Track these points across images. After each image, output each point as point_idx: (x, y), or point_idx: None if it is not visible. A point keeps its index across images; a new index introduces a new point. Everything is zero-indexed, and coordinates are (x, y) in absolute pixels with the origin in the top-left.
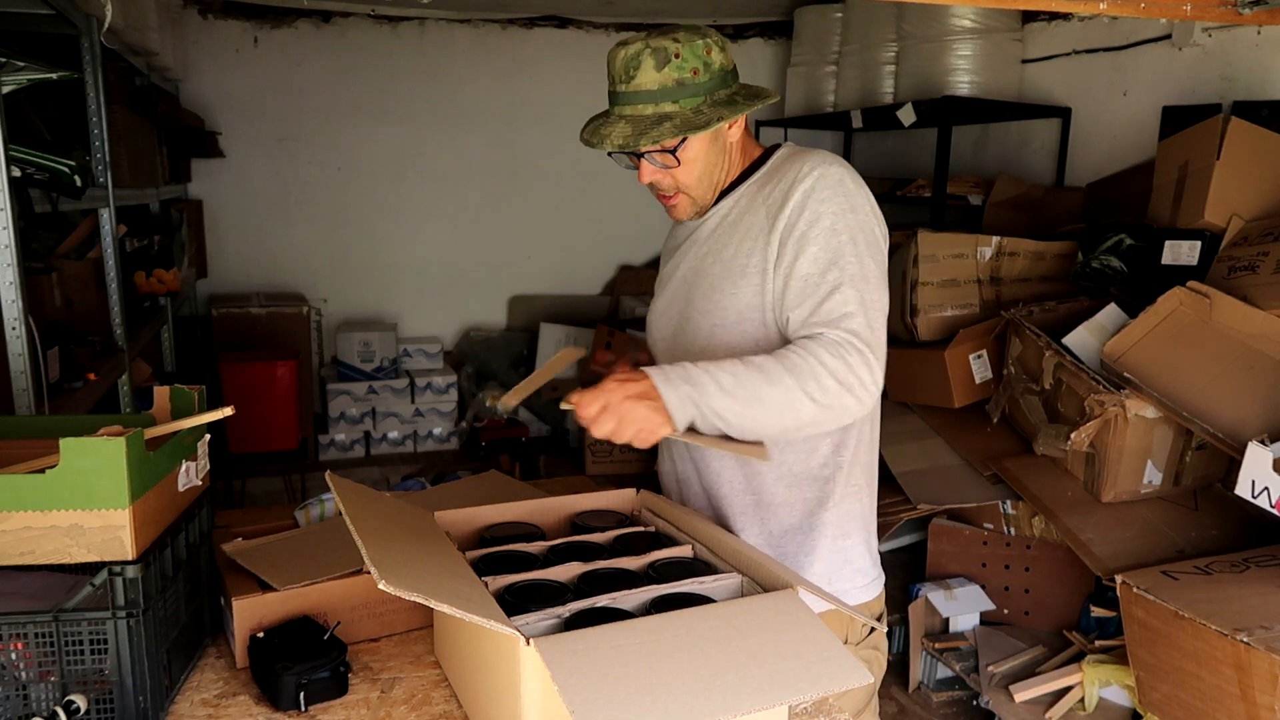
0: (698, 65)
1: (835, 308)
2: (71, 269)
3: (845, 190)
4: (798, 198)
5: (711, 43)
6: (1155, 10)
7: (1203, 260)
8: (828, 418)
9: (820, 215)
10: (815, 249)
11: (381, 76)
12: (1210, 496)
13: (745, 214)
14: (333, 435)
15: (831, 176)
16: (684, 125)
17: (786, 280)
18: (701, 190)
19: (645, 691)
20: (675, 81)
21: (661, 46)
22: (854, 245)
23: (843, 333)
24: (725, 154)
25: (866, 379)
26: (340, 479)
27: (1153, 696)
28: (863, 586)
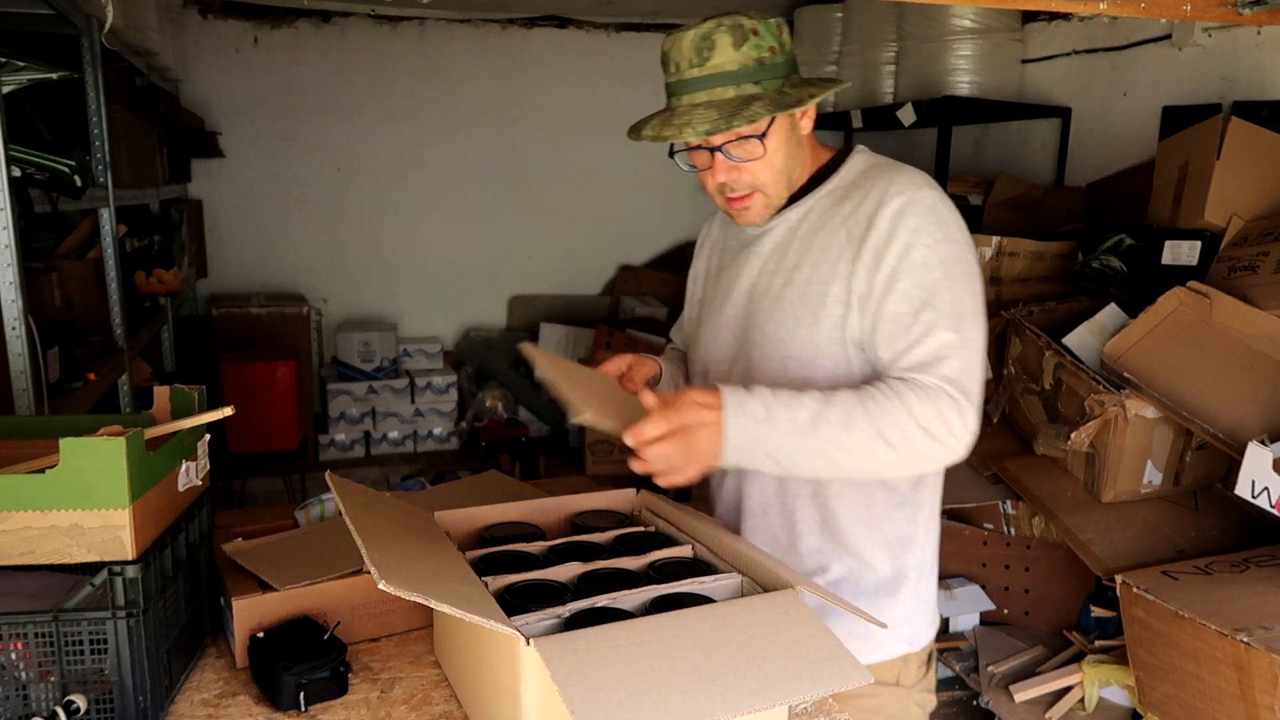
0: (774, 44)
1: (930, 352)
2: (71, 269)
3: (938, 217)
4: (885, 224)
5: (782, 23)
6: (1155, 10)
7: (1203, 260)
8: (906, 467)
9: (911, 246)
10: (906, 285)
11: (381, 76)
12: (1210, 496)
13: (820, 230)
14: (333, 435)
15: (923, 201)
16: (775, 104)
17: (876, 319)
18: (779, 188)
19: (645, 691)
20: (756, 61)
21: (738, 23)
22: (949, 280)
23: (937, 379)
24: (801, 147)
25: (958, 428)
26: (340, 479)
27: (1153, 696)
28: (928, 626)
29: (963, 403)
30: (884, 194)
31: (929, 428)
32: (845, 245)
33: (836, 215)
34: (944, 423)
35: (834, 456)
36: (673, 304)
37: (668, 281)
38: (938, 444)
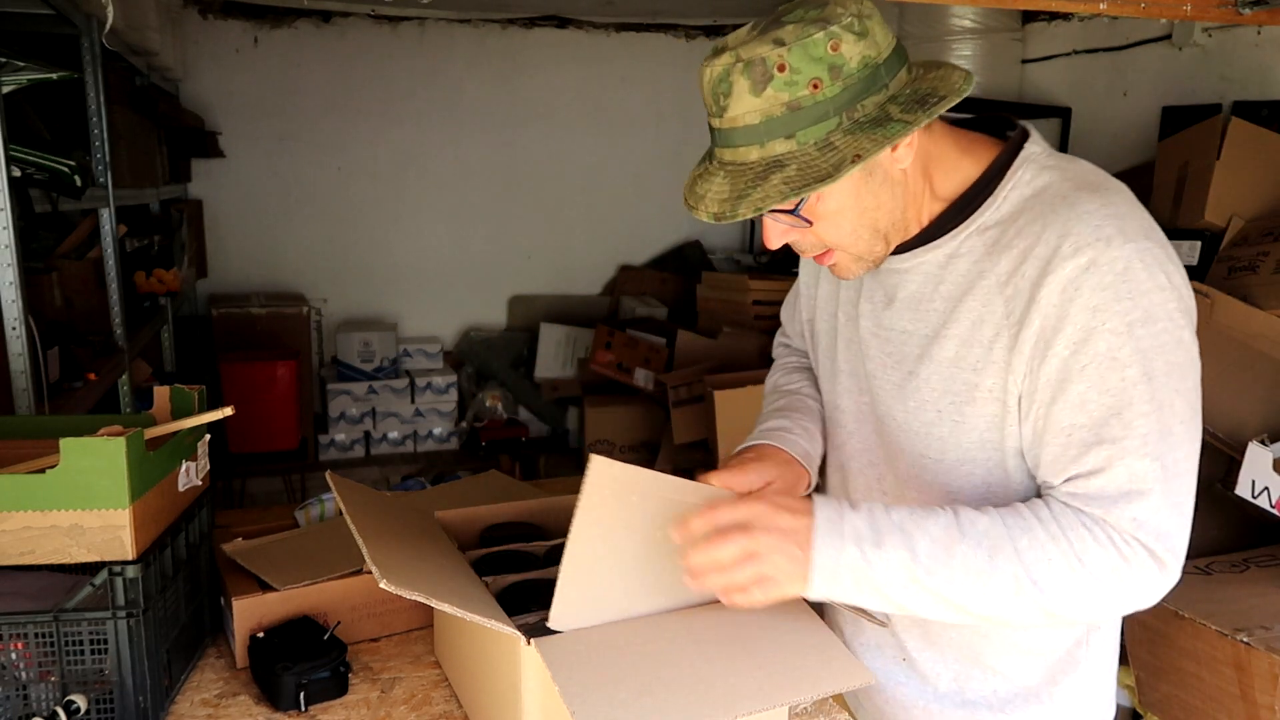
0: (818, 74)
1: (1116, 484)
2: (71, 269)
3: (1133, 287)
4: (1053, 296)
5: (841, 30)
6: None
7: (1203, 260)
8: (1063, 623)
9: (1093, 332)
10: (1084, 387)
11: (381, 76)
12: (1210, 496)
13: (970, 290)
14: (333, 435)
15: (1110, 264)
16: (803, 177)
17: (1042, 426)
18: (864, 244)
19: (645, 692)
20: (785, 107)
21: (758, 58)
22: (1148, 381)
23: (1127, 521)
24: (896, 187)
25: (1147, 584)
26: (340, 479)
27: (1153, 696)
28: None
29: (1159, 553)
30: (1054, 251)
31: (1105, 583)
32: (1003, 323)
33: (992, 271)
34: (1130, 577)
35: (958, 601)
36: (673, 304)
37: (668, 281)
38: (1116, 602)
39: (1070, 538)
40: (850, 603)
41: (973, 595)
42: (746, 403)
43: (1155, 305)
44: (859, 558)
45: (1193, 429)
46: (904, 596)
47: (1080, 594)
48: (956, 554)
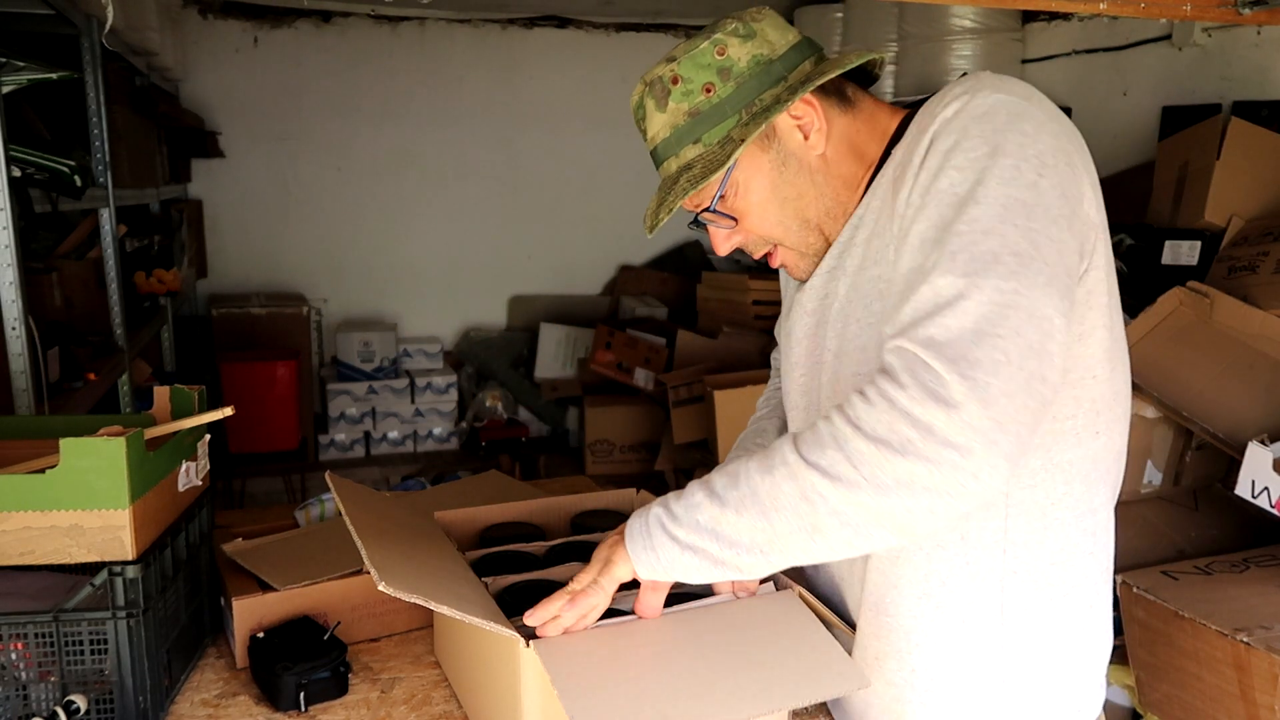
0: (709, 79)
1: (916, 310)
2: (71, 269)
3: (991, 126)
4: (924, 147)
5: (726, 36)
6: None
7: (1203, 260)
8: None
9: (941, 170)
10: (922, 225)
11: (381, 76)
12: (1210, 496)
13: (871, 197)
14: (333, 435)
15: (975, 107)
16: (704, 170)
17: (891, 277)
18: (800, 237)
19: (644, 695)
20: (687, 115)
21: (656, 78)
22: (981, 206)
23: (914, 345)
24: (816, 172)
25: (947, 425)
26: (340, 479)
27: (1153, 696)
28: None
29: (937, 382)
30: (932, 119)
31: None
32: (892, 203)
33: (888, 169)
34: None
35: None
36: (673, 304)
37: (668, 281)
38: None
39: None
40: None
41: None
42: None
43: (1009, 142)
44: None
45: (1033, 262)
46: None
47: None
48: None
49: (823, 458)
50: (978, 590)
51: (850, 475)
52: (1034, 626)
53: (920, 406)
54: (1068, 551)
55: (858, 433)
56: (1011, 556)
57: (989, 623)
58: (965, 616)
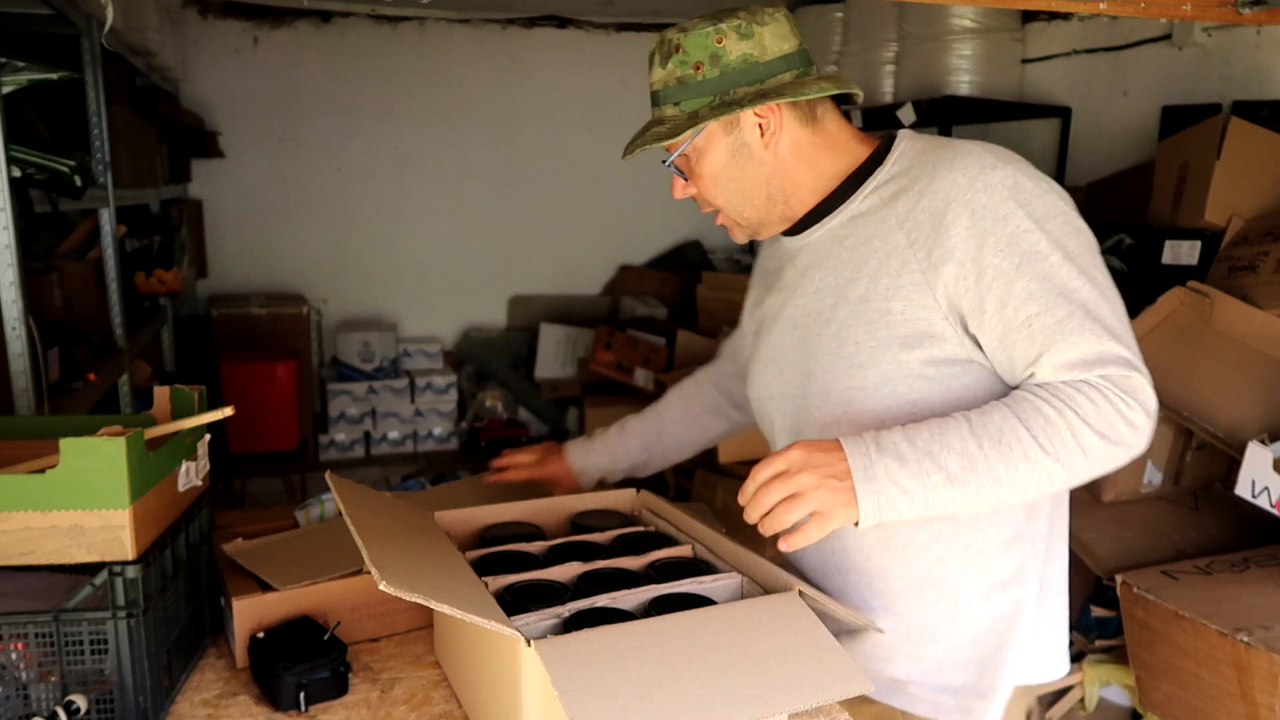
0: (701, 59)
1: (1080, 351)
2: (71, 269)
3: (1026, 195)
4: (962, 225)
5: (728, 29)
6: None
7: (1203, 260)
8: (1080, 481)
9: (1010, 237)
10: (1025, 282)
11: (381, 76)
12: (1210, 496)
13: (873, 237)
14: (333, 435)
15: (1000, 184)
16: (670, 131)
17: (1001, 329)
18: (743, 211)
19: (645, 697)
20: (677, 80)
21: (668, 39)
22: (1071, 262)
23: (1100, 376)
24: (768, 168)
25: (1140, 420)
26: (340, 479)
27: (1153, 696)
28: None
29: (1135, 387)
30: (949, 186)
31: (1107, 432)
32: (907, 254)
33: (890, 217)
34: (1123, 420)
35: (1000, 496)
36: (673, 304)
37: (668, 281)
38: (1120, 447)
39: (1072, 405)
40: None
41: (1004, 485)
42: None
43: (1048, 204)
44: (900, 496)
45: (1112, 286)
46: (946, 508)
47: (1090, 452)
48: (980, 460)
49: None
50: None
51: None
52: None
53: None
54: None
55: (1087, 427)
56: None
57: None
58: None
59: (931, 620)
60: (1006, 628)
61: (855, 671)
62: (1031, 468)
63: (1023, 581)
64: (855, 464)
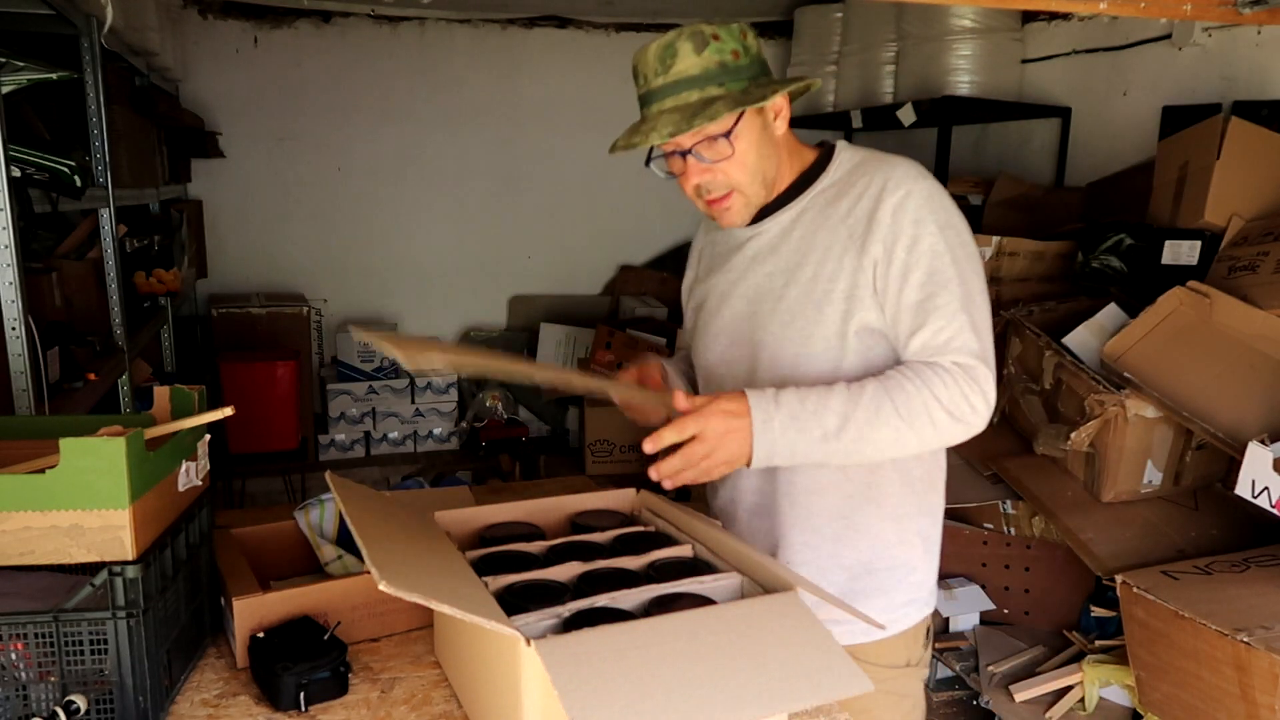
0: (737, 48)
1: (947, 335)
2: (71, 269)
3: (937, 205)
4: (888, 220)
5: (747, 28)
6: (1155, 10)
7: (1203, 260)
8: (932, 447)
9: (918, 238)
10: (919, 274)
11: (381, 76)
12: (1210, 496)
13: (818, 230)
14: (333, 435)
15: (920, 193)
16: (736, 102)
17: (896, 310)
18: (755, 188)
19: (645, 696)
20: (718, 64)
21: (697, 30)
22: (956, 264)
23: (956, 359)
24: (776, 147)
25: (979, 403)
26: (340, 479)
27: (1153, 696)
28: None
29: (980, 377)
30: (881, 189)
31: (953, 410)
32: (847, 243)
33: (834, 214)
34: (966, 402)
35: (864, 452)
36: (673, 304)
37: (668, 281)
38: (962, 424)
39: (928, 383)
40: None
41: (871, 445)
42: None
43: (952, 217)
44: (785, 439)
45: (985, 297)
46: (819, 458)
47: (940, 422)
48: (855, 419)
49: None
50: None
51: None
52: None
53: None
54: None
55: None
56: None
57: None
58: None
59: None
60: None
61: (855, 671)
62: (891, 432)
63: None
64: (757, 417)
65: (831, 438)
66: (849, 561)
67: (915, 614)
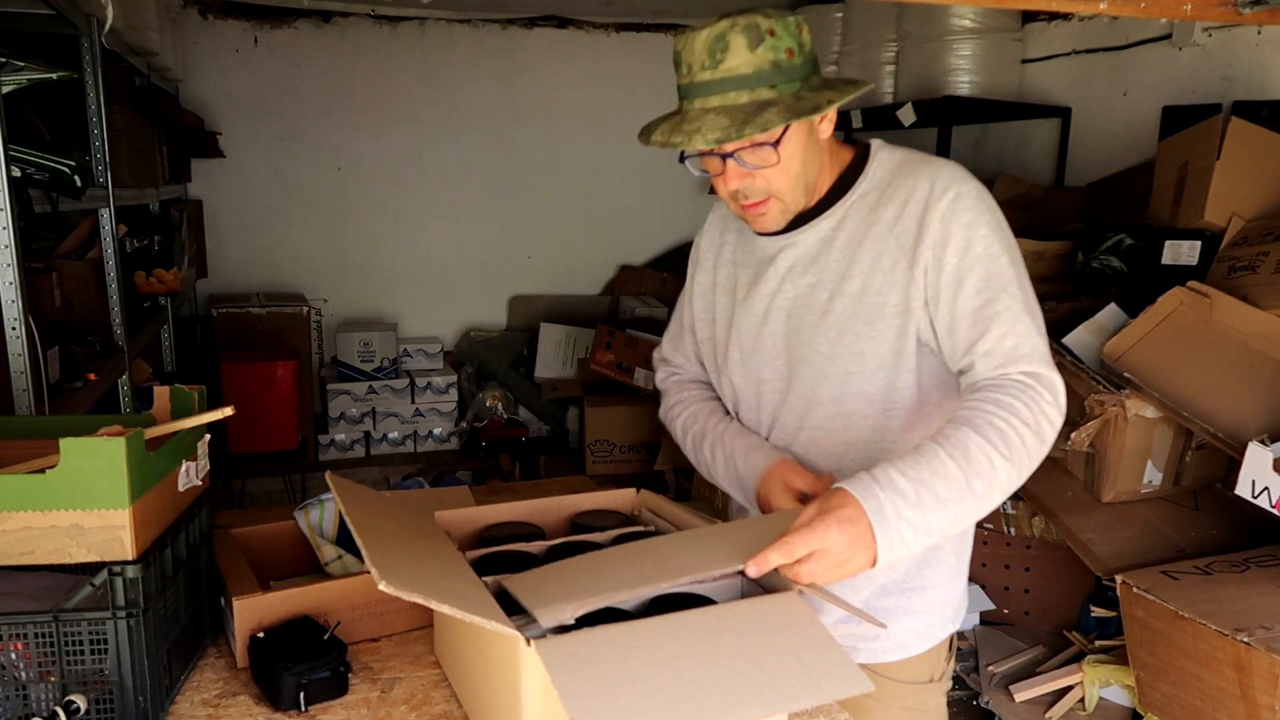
0: (792, 45)
1: (1013, 341)
2: (71, 269)
3: (986, 207)
4: (937, 225)
5: (802, 20)
6: (1155, 10)
7: (1203, 260)
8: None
9: (970, 242)
10: (975, 280)
11: (381, 76)
12: (1210, 496)
13: (863, 240)
14: (333, 435)
15: (968, 195)
16: (790, 111)
17: (952, 319)
18: (795, 194)
19: (645, 696)
20: (771, 64)
21: (753, 23)
22: (1014, 266)
23: (1025, 372)
24: (820, 152)
25: (1055, 417)
26: (340, 479)
27: (1153, 696)
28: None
29: (1055, 387)
30: (929, 194)
31: (1040, 431)
32: (898, 254)
33: (879, 222)
34: (1046, 419)
35: (981, 508)
36: (673, 304)
37: (668, 281)
38: (1046, 443)
39: (1015, 414)
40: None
41: (988, 499)
42: None
43: (1001, 219)
44: (912, 535)
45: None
46: (941, 530)
47: (1033, 449)
48: (971, 487)
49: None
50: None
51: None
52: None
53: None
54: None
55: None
56: None
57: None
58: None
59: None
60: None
61: (855, 671)
62: (995, 475)
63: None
64: (869, 506)
65: (949, 503)
66: (882, 580)
67: (940, 632)
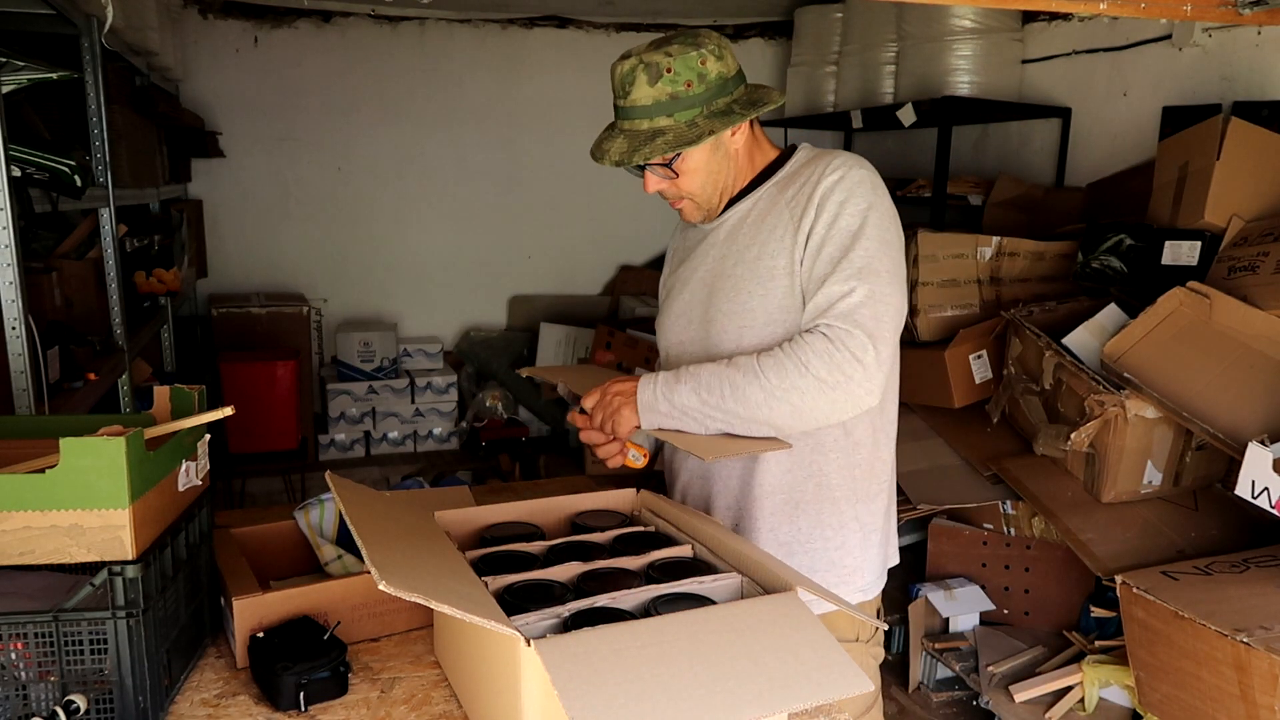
0: (691, 78)
1: (841, 300)
2: (71, 269)
3: (865, 190)
4: (819, 198)
5: (707, 53)
6: (1155, 10)
7: (1203, 260)
8: (812, 417)
9: (838, 215)
10: (832, 249)
11: (381, 76)
12: (1210, 496)
13: (767, 215)
14: (333, 435)
15: (853, 177)
16: (676, 140)
17: (808, 281)
18: (706, 196)
19: (645, 696)
20: (669, 96)
21: (653, 62)
22: (864, 240)
23: (843, 322)
24: (730, 161)
25: (854, 372)
26: (340, 479)
27: (1153, 697)
28: (878, 579)
29: (868, 344)
30: (821, 173)
31: (824, 378)
32: (789, 223)
33: (781, 200)
34: (840, 371)
35: (738, 411)
36: None
37: None
38: (839, 391)
39: (806, 344)
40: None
41: (742, 404)
42: None
43: (877, 203)
44: (663, 390)
45: (895, 281)
46: (701, 413)
47: (808, 390)
48: (728, 378)
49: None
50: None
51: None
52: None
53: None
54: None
55: (807, 369)
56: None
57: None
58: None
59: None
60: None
61: (855, 671)
62: (760, 393)
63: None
64: (642, 376)
65: (706, 388)
66: (785, 537)
67: (850, 598)
